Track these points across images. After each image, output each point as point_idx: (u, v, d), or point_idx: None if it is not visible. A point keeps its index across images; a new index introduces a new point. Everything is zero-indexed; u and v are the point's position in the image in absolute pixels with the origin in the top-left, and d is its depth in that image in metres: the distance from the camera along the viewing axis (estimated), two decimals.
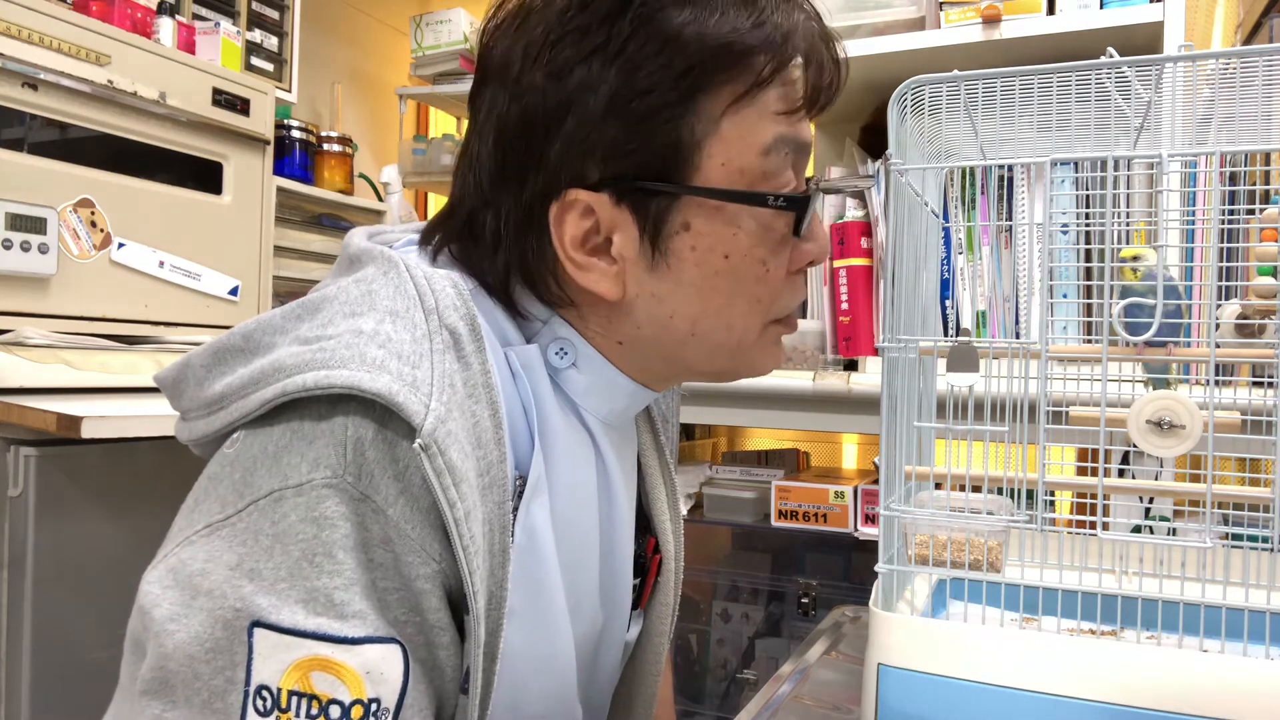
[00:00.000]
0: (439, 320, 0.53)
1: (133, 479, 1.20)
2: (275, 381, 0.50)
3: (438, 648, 0.52)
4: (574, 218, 0.56)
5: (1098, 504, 0.65)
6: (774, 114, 0.56)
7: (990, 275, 1.36)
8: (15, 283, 1.17)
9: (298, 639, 0.47)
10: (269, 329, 0.54)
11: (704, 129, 0.55)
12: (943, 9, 1.41)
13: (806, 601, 1.63)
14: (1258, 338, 0.72)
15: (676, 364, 0.62)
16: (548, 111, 0.55)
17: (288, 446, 0.49)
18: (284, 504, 0.48)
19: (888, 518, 0.73)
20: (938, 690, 0.65)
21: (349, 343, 0.50)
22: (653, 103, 0.53)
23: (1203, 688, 0.59)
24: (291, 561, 0.48)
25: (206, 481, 0.52)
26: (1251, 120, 0.71)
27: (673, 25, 0.53)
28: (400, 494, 0.49)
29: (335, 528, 0.48)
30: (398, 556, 0.50)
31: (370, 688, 0.48)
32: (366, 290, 0.54)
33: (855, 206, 1.47)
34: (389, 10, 2.46)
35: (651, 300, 0.58)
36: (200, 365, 0.56)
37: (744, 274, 0.58)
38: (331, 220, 1.90)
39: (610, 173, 0.55)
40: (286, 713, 0.47)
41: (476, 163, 0.59)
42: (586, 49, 0.54)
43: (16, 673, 1.08)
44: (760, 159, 0.56)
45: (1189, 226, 1.11)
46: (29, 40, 1.18)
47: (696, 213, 0.56)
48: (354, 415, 0.49)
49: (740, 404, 1.48)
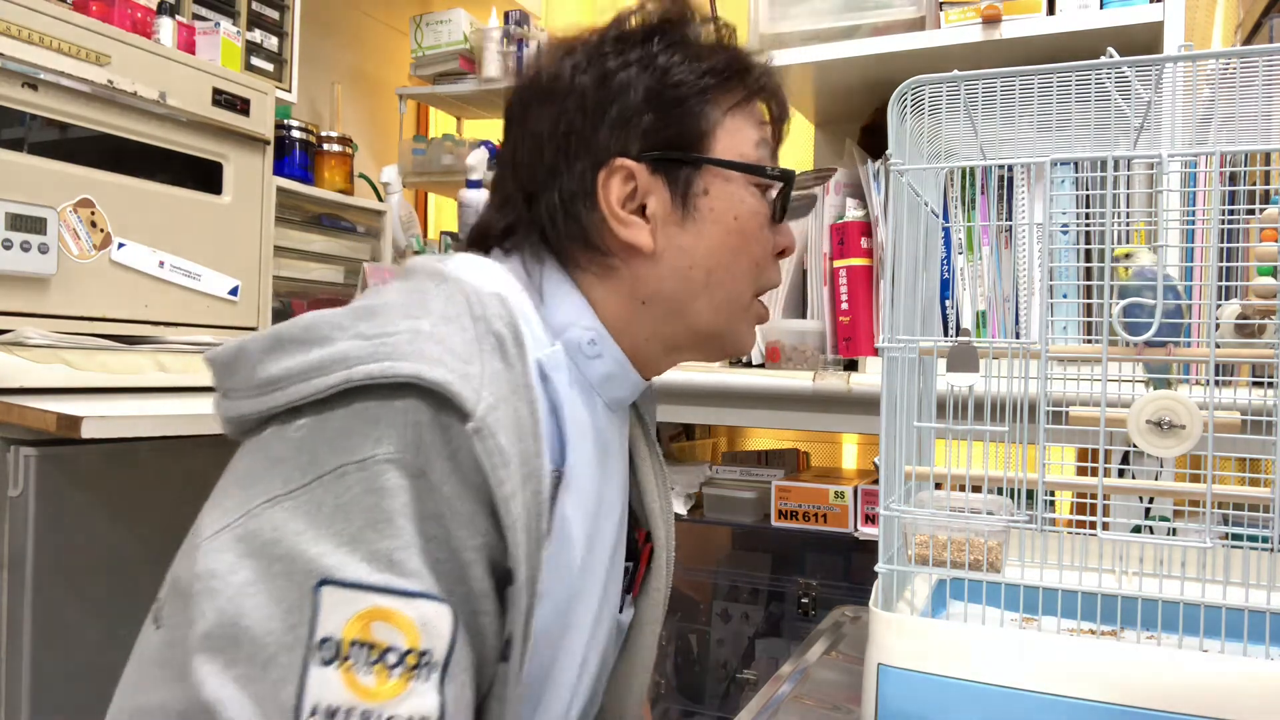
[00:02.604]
0: (486, 326, 0.61)
1: (133, 479, 1.20)
2: (341, 369, 0.56)
3: (481, 615, 0.58)
4: (618, 182, 0.69)
5: (1098, 504, 0.65)
6: (758, 121, 0.74)
7: (990, 275, 1.35)
8: (15, 283, 1.17)
9: (361, 592, 0.52)
10: (329, 324, 0.60)
11: (714, 121, 0.71)
12: (943, 9, 1.41)
13: (806, 601, 1.63)
14: (1258, 338, 0.72)
15: (684, 322, 0.73)
16: (596, 104, 0.69)
17: (351, 429, 0.55)
18: (347, 478, 0.54)
19: (888, 518, 0.73)
20: (938, 690, 0.65)
21: (410, 339, 0.57)
22: (680, 94, 0.70)
23: (1203, 688, 0.59)
24: (354, 528, 0.53)
25: (268, 461, 0.57)
26: (1251, 120, 0.71)
27: (693, 45, 0.72)
28: (452, 472, 0.56)
29: (395, 497, 0.54)
30: (448, 530, 0.55)
31: (424, 639, 0.53)
32: (421, 298, 0.62)
33: (855, 207, 1.47)
34: (389, 10, 2.45)
35: (677, 252, 0.71)
36: (257, 350, 0.60)
37: (749, 233, 0.72)
38: (331, 220, 1.90)
39: (647, 148, 0.69)
40: (347, 660, 0.52)
41: (524, 164, 0.72)
42: (626, 60, 0.70)
43: (16, 673, 1.08)
44: (753, 149, 0.73)
45: (1189, 226, 1.11)
46: (29, 40, 1.18)
47: (713, 182, 0.71)
48: (413, 402, 0.55)
49: (740, 404, 1.48)
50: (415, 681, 0.53)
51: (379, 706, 0.52)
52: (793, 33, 1.54)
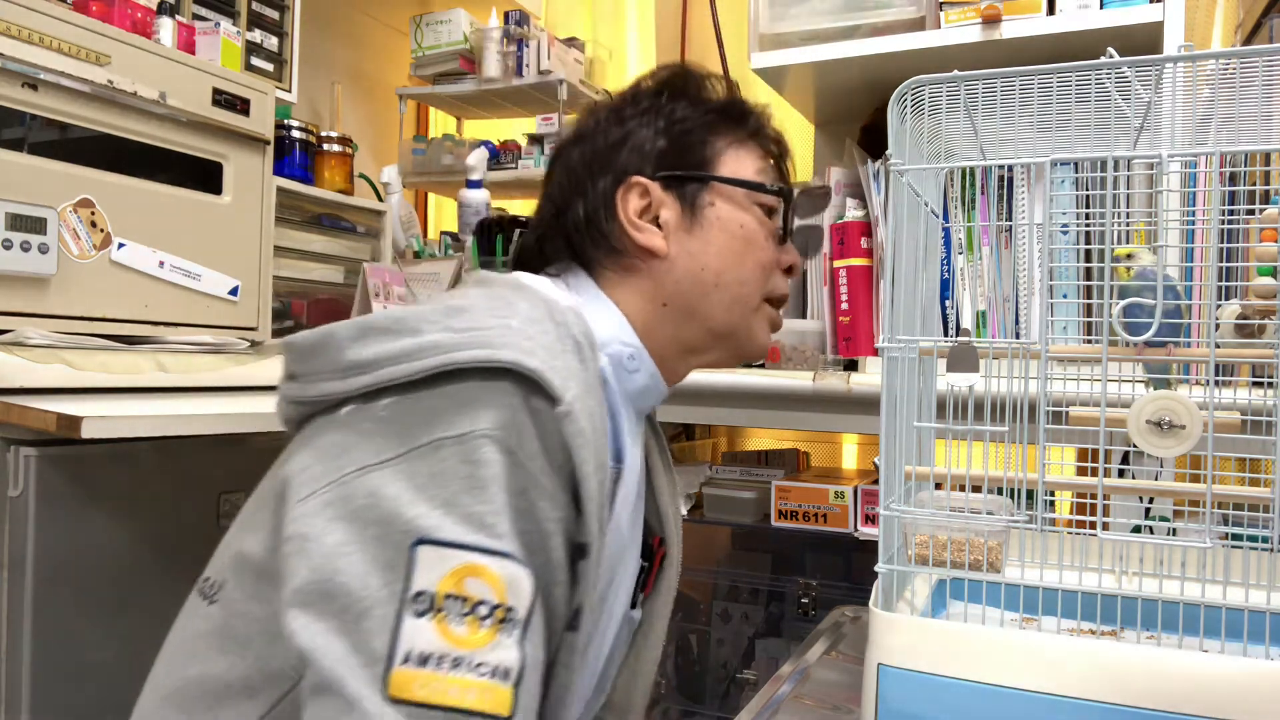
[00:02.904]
0: (566, 330, 0.67)
1: (133, 479, 1.20)
2: (440, 354, 0.62)
3: (555, 585, 0.63)
4: (634, 196, 0.80)
5: (1098, 504, 0.65)
6: (758, 155, 0.84)
7: (990, 275, 1.35)
8: (15, 283, 1.17)
9: (456, 550, 0.57)
10: (418, 318, 0.65)
11: (717, 150, 0.82)
12: (943, 9, 1.41)
13: (806, 601, 1.63)
14: (1258, 338, 0.72)
15: (700, 322, 0.81)
16: (616, 141, 0.81)
17: (445, 408, 0.61)
18: (443, 450, 0.60)
19: (888, 518, 0.73)
20: (938, 690, 0.65)
21: (503, 332, 0.63)
22: (687, 128, 0.81)
23: (1203, 688, 0.59)
24: (449, 493, 0.58)
25: (357, 435, 0.62)
26: (1251, 120, 0.71)
27: (697, 95, 0.84)
28: (540, 452, 0.62)
29: (489, 468, 0.59)
30: (533, 503, 0.61)
31: (510, 596, 0.58)
32: (506, 302, 0.68)
33: (855, 207, 1.47)
34: (389, 10, 2.45)
35: (688, 256, 0.80)
36: (346, 336, 0.66)
37: (753, 239, 0.81)
38: (331, 220, 1.90)
39: (660, 170, 0.80)
40: (441, 612, 0.56)
41: (556, 189, 0.83)
42: (640, 109, 0.82)
43: (16, 673, 1.08)
44: (754, 175, 0.83)
45: (1189, 226, 1.11)
46: (29, 40, 1.18)
47: (719, 197, 0.81)
48: (508, 385, 0.62)
49: (740, 404, 1.48)
50: (502, 634, 0.57)
51: (470, 653, 0.56)
52: (793, 33, 1.54)
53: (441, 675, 0.55)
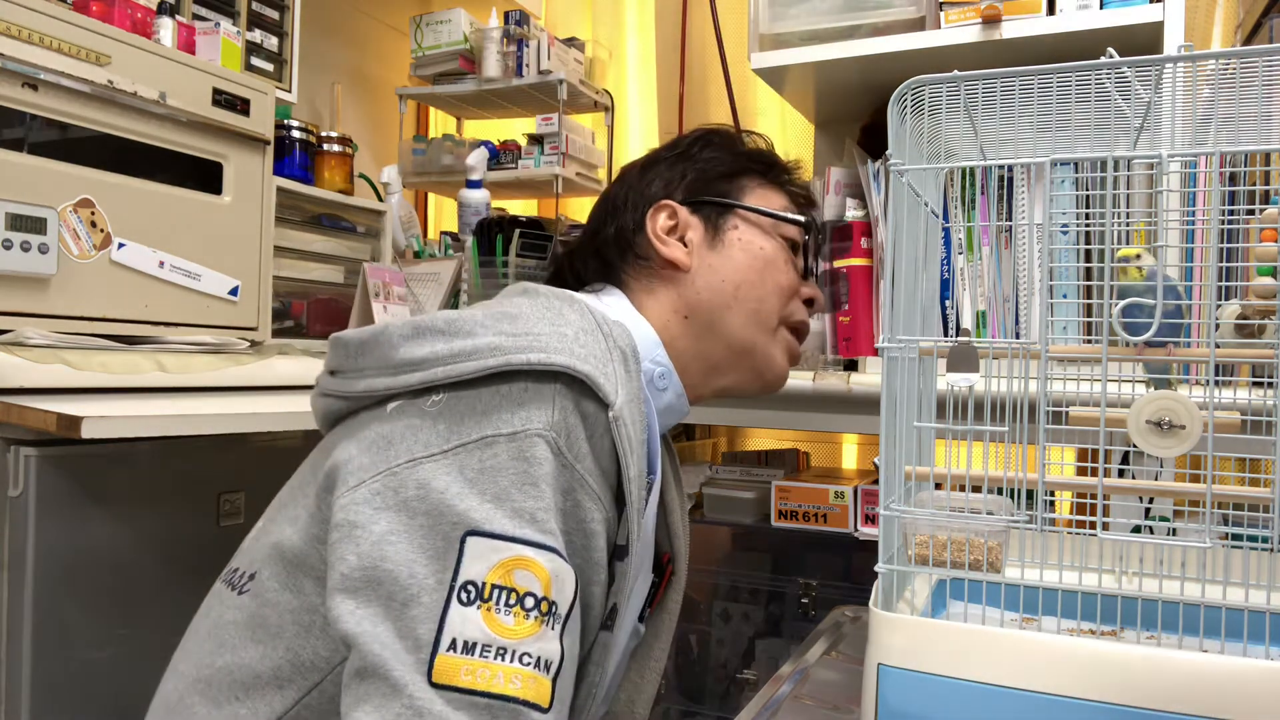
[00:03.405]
0: (614, 341, 0.70)
1: (133, 479, 1.20)
2: (495, 356, 0.64)
3: (594, 584, 0.65)
4: (663, 217, 0.86)
5: (1098, 504, 0.65)
6: (784, 198, 0.90)
7: (990, 275, 1.35)
8: (15, 283, 1.17)
9: (506, 542, 0.58)
10: (471, 321, 0.67)
11: (744, 186, 0.88)
12: (943, 9, 1.41)
13: (806, 601, 1.63)
14: (1258, 338, 0.72)
15: (720, 336, 0.84)
16: (652, 177, 0.89)
17: (497, 406, 0.63)
18: (495, 446, 0.61)
19: (888, 518, 0.73)
20: (938, 690, 0.65)
21: (558, 339, 0.66)
22: (717, 166, 0.88)
23: (1203, 688, 0.59)
24: (500, 488, 0.60)
25: (405, 429, 0.64)
26: (1251, 120, 0.71)
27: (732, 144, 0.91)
28: (588, 453, 0.64)
29: (540, 466, 0.61)
30: (578, 503, 0.63)
31: (554, 590, 0.59)
32: (557, 311, 0.71)
33: (855, 207, 1.47)
34: (389, 10, 2.45)
35: (709, 270, 0.84)
36: (399, 335, 0.68)
37: (774, 264, 0.86)
38: (331, 220, 1.90)
39: (689, 196, 0.87)
40: (488, 602, 0.57)
41: (594, 215, 0.90)
42: (674, 154, 0.90)
43: (16, 673, 1.08)
44: (779, 209, 0.88)
45: (1189, 226, 1.11)
46: (29, 40, 1.18)
47: (743, 223, 0.87)
48: (561, 388, 0.64)
49: (740, 404, 1.48)
50: (546, 627, 0.58)
51: (516, 643, 0.57)
52: (793, 33, 1.54)
53: (487, 663, 0.56)
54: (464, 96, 2.28)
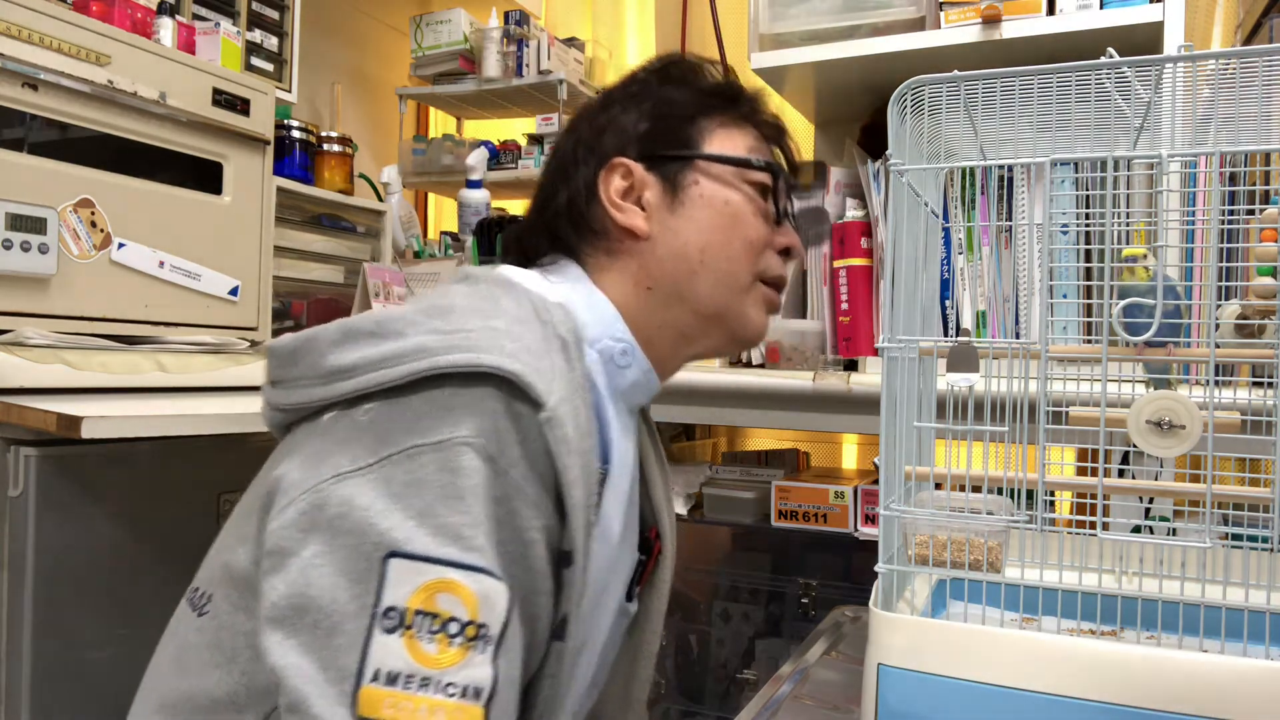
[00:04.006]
0: (552, 330, 0.66)
1: (133, 479, 1.20)
2: (424, 358, 0.60)
3: (539, 594, 0.61)
4: (616, 178, 0.78)
5: (1098, 504, 0.65)
6: (751, 136, 0.81)
7: (990, 275, 1.35)
8: (15, 283, 1.17)
9: (428, 564, 0.55)
10: (401, 320, 0.63)
11: (705, 130, 0.79)
12: (943, 9, 1.41)
13: (806, 601, 1.63)
14: (1258, 338, 0.72)
15: (688, 304, 0.78)
16: (602, 126, 0.80)
17: (425, 413, 0.59)
18: (421, 457, 0.57)
19: (888, 518, 0.73)
20: (938, 690, 0.65)
21: (488, 335, 0.61)
22: (673, 110, 0.79)
23: (1203, 688, 0.59)
24: (424, 503, 0.56)
25: (336, 442, 0.60)
26: (1251, 120, 0.71)
27: (687, 80, 0.81)
28: (522, 458, 0.60)
29: (469, 477, 0.57)
30: (514, 511, 0.59)
31: (483, 612, 0.56)
32: (492, 301, 0.66)
33: (855, 207, 1.47)
34: (389, 10, 2.45)
35: (670, 234, 0.77)
36: (328, 340, 0.64)
37: (739, 215, 0.78)
38: (331, 220, 1.90)
39: (644, 151, 0.78)
40: (410, 629, 0.54)
41: (545, 179, 0.82)
42: (628, 94, 0.81)
43: (16, 673, 1.08)
44: (745, 153, 0.79)
45: (1189, 226, 1.11)
46: (29, 40, 1.18)
47: (704, 175, 0.78)
48: (490, 390, 0.59)
49: (740, 404, 1.48)
50: (473, 652, 0.55)
51: (439, 673, 0.54)
52: (793, 33, 1.54)
53: (410, 695, 0.53)
54: (464, 96, 2.28)
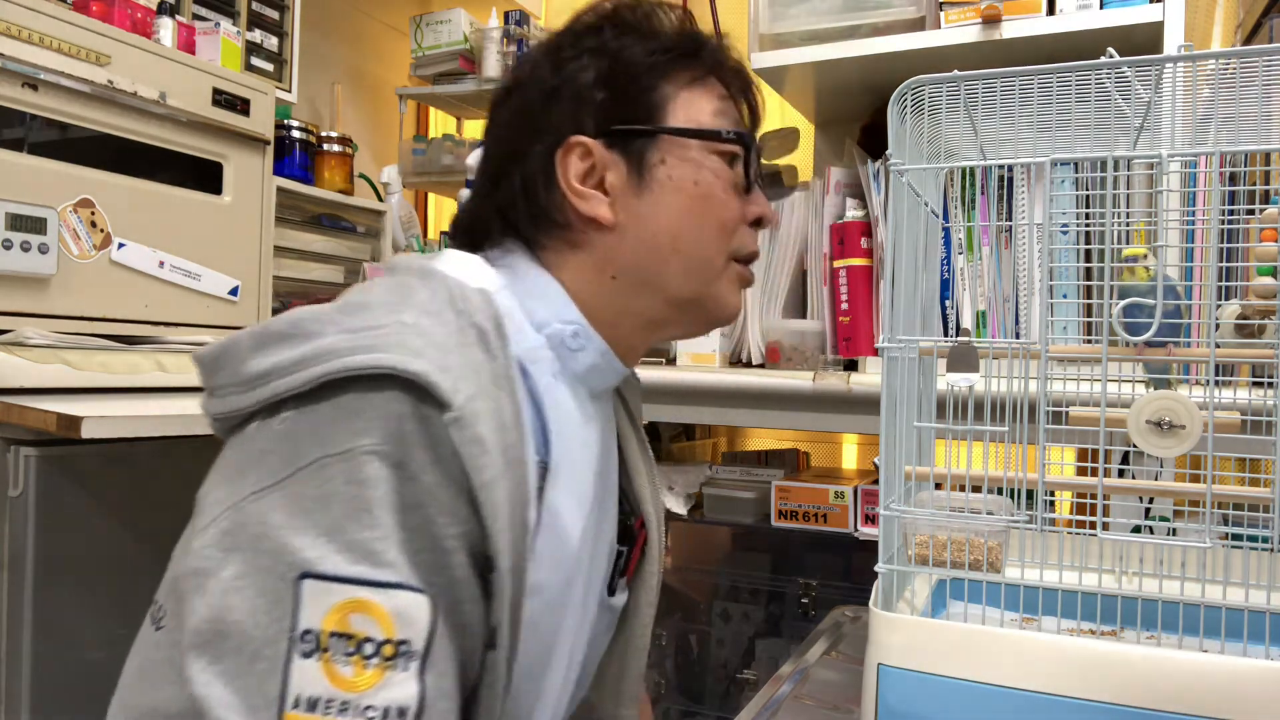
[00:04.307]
0: (468, 319, 0.62)
1: (133, 479, 1.20)
2: (324, 362, 0.56)
3: (463, 602, 0.58)
4: (575, 159, 0.70)
5: (1098, 504, 0.65)
6: (717, 94, 0.74)
7: (990, 275, 1.35)
8: (15, 283, 1.17)
9: (338, 584, 0.53)
10: (316, 319, 0.60)
11: (667, 95, 0.72)
12: (943, 9, 1.41)
13: (806, 601, 1.63)
14: (1258, 338, 0.72)
15: (659, 292, 0.73)
16: (552, 89, 0.71)
17: (333, 420, 0.56)
18: (328, 469, 0.55)
19: (888, 518, 0.73)
20: (938, 690, 0.65)
21: (393, 332, 0.58)
22: (631, 72, 0.71)
23: (1203, 688, 0.59)
24: (333, 519, 0.54)
25: (255, 454, 0.58)
26: (1251, 120, 0.71)
27: (644, 30, 0.73)
28: (433, 463, 0.56)
29: (376, 488, 0.54)
30: (429, 519, 0.56)
31: (400, 629, 0.54)
32: (406, 292, 0.63)
33: (855, 207, 1.47)
34: (389, 10, 2.45)
35: (638, 222, 0.71)
36: (246, 346, 0.61)
37: (711, 196, 0.72)
38: (331, 220, 1.90)
39: (602, 124, 0.70)
40: (327, 652, 0.53)
41: (492, 155, 0.75)
42: (580, 48, 0.72)
43: (16, 673, 1.08)
44: (710, 118, 0.73)
45: (1189, 226, 1.11)
46: (29, 40, 1.18)
47: (670, 151, 0.72)
48: (394, 393, 0.56)
49: (740, 404, 1.48)
50: (392, 672, 0.53)
51: (356, 697, 0.53)
52: (793, 33, 1.54)
53: None
54: (464, 96, 2.28)
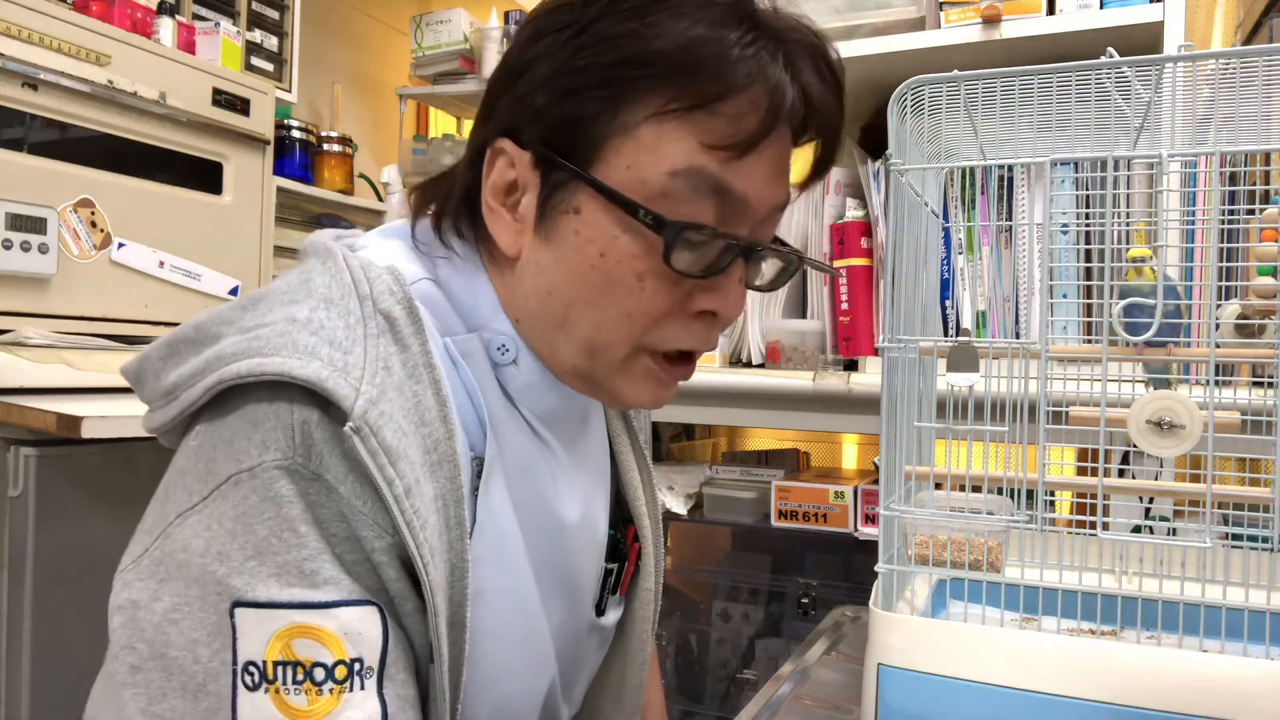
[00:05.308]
0: (374, 306, 0.55)
1: (133, 479, 1.20)
2: (216, 370, 0.51)
3: (402, 615, 0.54)
4: (500, 166, 0.59)
5: (1098, 504, 0.65)
6: (700, 143, 0.54)
7: (990, 275, 1.35)
8: (15, 283, 1.17)
9: (275, 610, 0.49)
10: (218, 320, 0.55)
11: (620, 125, 0.55)
12: (943, 9, 1.41)
13: (806, 601, 1.63)
14: (1258, 338, 0.72)
15: (556, 355, 0.61)
16: (511, 69, 0.59)
17: (238, 432, 0.51)
18: (241, 487, 0.50)
19: (888, 518, 0.73)
20: (938, 690, 0.65)
21: (283, 330, 0.52)
22: (579, 82, 0.55)
23: (1203, 688, 0.59)
24: (258, 540, 0.49)
25: (176, 474, 0.54)
26: (1251, 120, 0.71)
27: (632, 19, 0.54)
28: (349, 471, 0.51)
29: (291, 505, 0.50)
30: (354, 530, 0.51)
31: (351, 648, 0.50)
32: (305, 280, 0.56)
33: (855, 207, 1.47)
34: (389, 10, 2.45)
35: (536, 269, 0.59)
36: (157, 357, 0.57)
37: (616, 280, 0.56)
38: (331, 220, 1.90)
39: (535, 136, 0.57)
40: (274, 683, 0.49)
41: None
42: (557, 24, 0.56)
43: (16, 673, 1.08)
44: (666, 178, 0.55)
45: (1189, 226, 1.11)
46: (29, 40, 1.18)
47: (589, 202, 0.56)
48: (296, 399, 0.51)
49: (740, 404, 1.48)
50: (349, 693, 0.50)
51: None
52: None
53: None
54: (464, 96, 2.28)
